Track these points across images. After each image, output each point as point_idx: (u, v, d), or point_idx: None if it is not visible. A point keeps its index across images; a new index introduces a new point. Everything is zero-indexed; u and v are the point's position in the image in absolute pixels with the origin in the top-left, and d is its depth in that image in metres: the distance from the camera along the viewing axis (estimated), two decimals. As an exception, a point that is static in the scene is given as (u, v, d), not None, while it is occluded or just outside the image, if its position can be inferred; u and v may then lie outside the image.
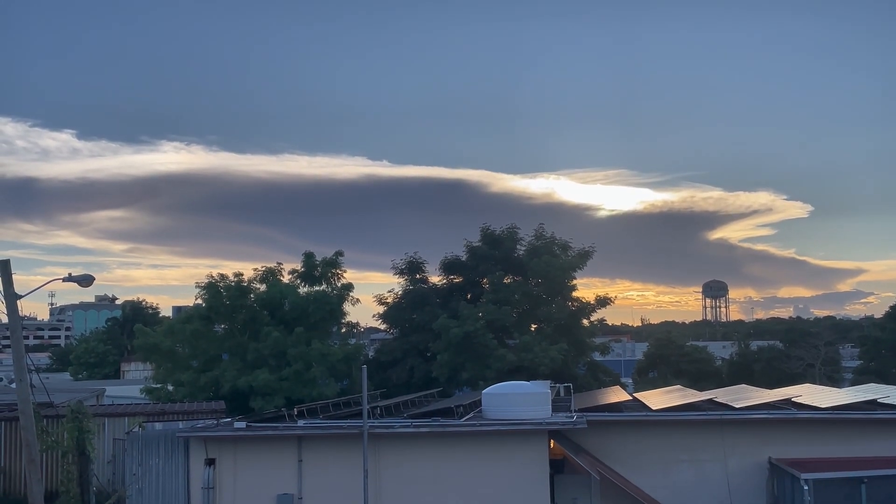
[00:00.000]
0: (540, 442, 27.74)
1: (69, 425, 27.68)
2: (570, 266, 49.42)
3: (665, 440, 29.81)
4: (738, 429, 29.79)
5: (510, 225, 51.77)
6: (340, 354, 41.75)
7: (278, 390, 39.60)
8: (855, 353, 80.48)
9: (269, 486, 27.31)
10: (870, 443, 28.94)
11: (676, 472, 29.49)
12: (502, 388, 30.53)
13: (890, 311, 72.05)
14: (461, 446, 27.85)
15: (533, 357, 43.98)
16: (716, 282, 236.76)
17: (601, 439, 29.55)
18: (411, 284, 51.73)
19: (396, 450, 27.70)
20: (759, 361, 73.16)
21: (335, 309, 44.53)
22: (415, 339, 48.64)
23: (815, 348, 71.17)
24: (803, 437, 29.29)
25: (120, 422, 32.61)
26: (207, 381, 40.89)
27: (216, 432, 27.85)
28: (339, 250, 46.34)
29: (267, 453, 27.62)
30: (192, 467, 27.50)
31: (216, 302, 43.12)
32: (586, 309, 50.38)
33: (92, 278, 23.88)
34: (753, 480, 29.36)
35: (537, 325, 49.93)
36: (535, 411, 28.32)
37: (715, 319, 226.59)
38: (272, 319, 42.92)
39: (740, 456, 29.44)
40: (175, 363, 43.30)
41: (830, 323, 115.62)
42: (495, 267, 49.69)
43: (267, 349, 41.00)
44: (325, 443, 27.77)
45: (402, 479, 27.51)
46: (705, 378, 68.45)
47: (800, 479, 26.46)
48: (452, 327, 44.71)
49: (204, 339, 43.35)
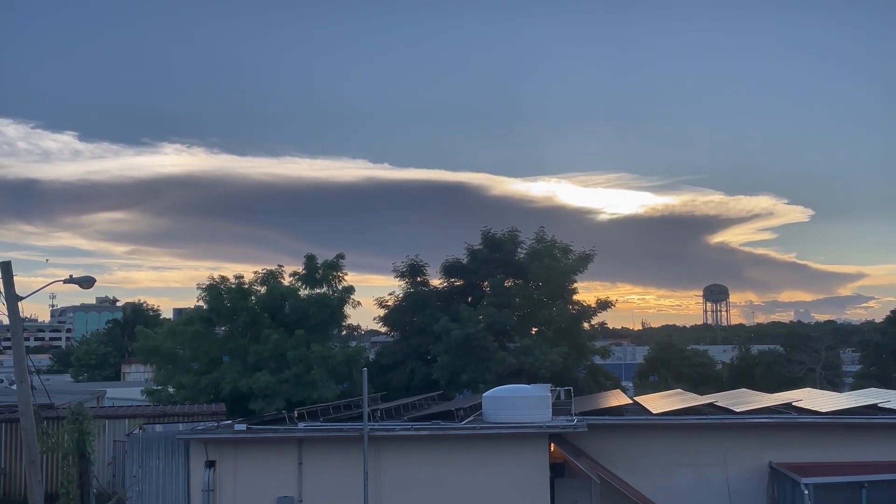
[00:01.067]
0: (540, 445, 27.73)
1: (69, 427, 27.69)
2: (570, 269, 49.41)
3: (665, 444, 29.77)
4: (738, 433, 29.76)
5: (511, 228, 51.84)
6: (341, 357, 41.73)
7: (279, 393, 39.60)
8: (856, 357, 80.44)
9: (269, 488, 27.30)
10: (870, 447, 28.90)
11: (677, 476, 29.45)
12: (503, 391, 30.52)
13: (891, 316, 71.99)
14: (461, 449, 27.84)
15: (533, 360, 43.95)
16: (716, 286, 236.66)
17: (601, 443, 29.51)
18: (412, 287, 51.74)
19: (397, 453, 27.69)
20: (760, 365, 73.20)
21: (336, 311, 44.53)
22: (415, 341, 48.64)
23: (816, 352, 71.20)
24: (804, 442, 29.26)
25: (120, 424, 32.60)
26: (208, 384, 40.87)
27: (216, 434, 27.85)
28: (340, 253, 46.39)
29: (267, 456, 27.61)
30: (192, 469, 27.50)
31: (217, 304, 43.13)
32: (587, 312, 50.37)
33: (93, 280, 23.91)
34: (754, 485, 29.32)
35: (538, 329, 49.91)
36: (535, 415, 28.32)
37: (716, 323, 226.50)
38: (273, 322, 42.92)
39: (740, 460, 29.40)
40: (176, 365, 43.30)
41: (831, 327, 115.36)
42: (496, 270, 49.69)
43: (267, 351, 41.01)
44: (325, 445, 27.77)
45: (402, 482, 27.49)
46: (706, 382, 68.55)
47: (800, 484, 26.45)
48: (453, 329, 44.72)
49: (205, 341, 43.34)
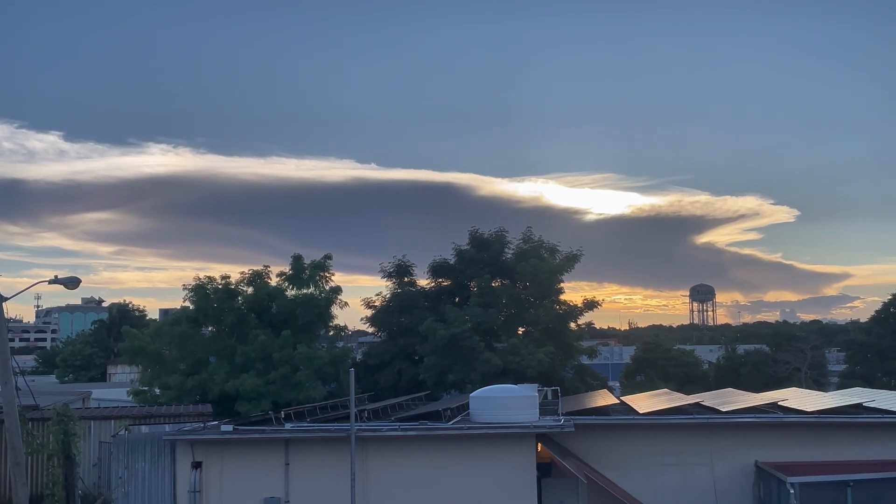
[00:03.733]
0: (527, 445, 27.76)
1: (55, 428, 27.58)
2: (557, 269, 49.48)
3: (652, 444, 29.83)
4: (724, 432, 29.85)
5: (498, 228, 51.82)
6: (328, 357, 41.62)
7: (265, 394, 39.47)
8: (841, 357, 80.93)
9: (255, 489, 27.21)
10: (856, 446, 29.03)
11: (663, 475, 29.49)
12: (490, 391, 30.52)
13: (875, 316, 72.41)
14: (449, 450, 27.83)
15: (520, 360, 43.97)
16: (703, 286, 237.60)
17: (588, 443, 29.55)
18: (399, 287, 51.68)
19: (384, 453, 27.66)
20: (746, 365, 73.48)
21: (323, 312, 44.41)
22: (402, 342, 48.58)
23: (802, 352, 71.48)
24: (790, 441, 29.37)
25: (106, 425, 32.40)
26: (194, 384, 40.69)
27: (203, 435, 27.74)
28: (327, 253, 46.24)
29: (254, 456, 27.53)
30: (178, 471, 27.38)
31: (204, 304, 42.94)
32: (574, 312, 50.44)
33: (78, 280, 23.82)
34: (740, 484, 29.42)
35: (525, 329, 49.96)
36: (522, 415, 28.32)
37: (702, 323, 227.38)
38: (260, 322, 42.77)
39: (727, 459, 29.49)
40: (162, 366, 43.10)
41: (817, 327, 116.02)
42: (483, 270, 49.70)
43: (254, 352, 40.86)
44: (312, 446, 27.71)
45: (389, 483, 27.47)
46: (692, 382, 68.75)
47: (786, 483, 26.56)
48: (438, 330, 44.70)
49: (191, 341, 43.16)
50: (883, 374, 66.83)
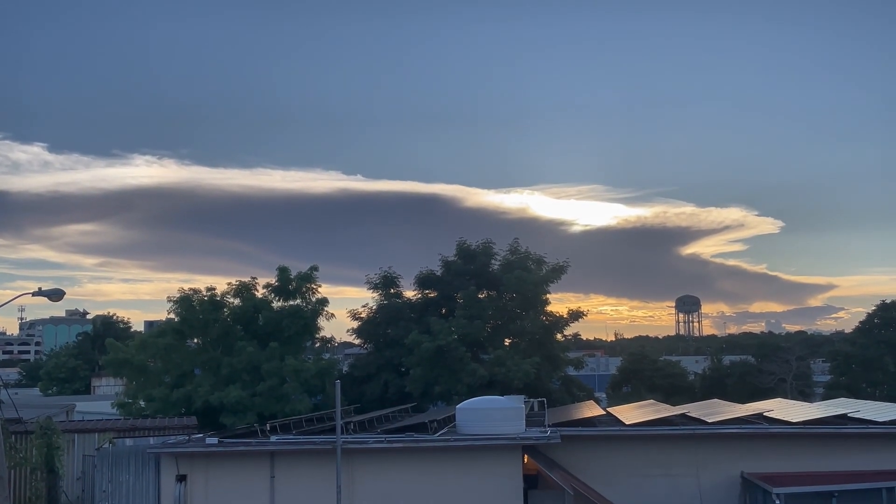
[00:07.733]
0: (514, 457, 27.75)
1: (38, 441, 27.40)
2: (543, 280, 49.51)
3: (638, 455, 29.89)
4: (710, 443, 29.94)
5: (485, 240, 51.81)
6: (314, 369, 41.47)
7: (250, 407, 39.29)
8: (826, 367, 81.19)
9: (241, 502, 27.11)
10: (840, 457, 29.20)
11: (650, 486, 29.55)
12: (476, 402, 30.51)
13: (860, 326, 72.75)
14: (435, 461, 27.79)
15: (506, 371, 43.94)
16: (688, 297, 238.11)
17: (575, 454, 29.57)
18: (385, 299, 51.56)
19: (370, 465, 27.60)
20: (732, 376, 73.68)
21: (309, 324, 44.30)
22: (389, 353, 48.45)
23: (787, 363, 71.75)
24: (775, 452, 29.50)
25: (90, 438, 32.20)
26: (179, 397, 40.48)
27: (187, 448, 27.61)
28: (313, 265, 46.15)
29: (239, 469, 27.41)
30: (162, 483, 27.23)
31: (189, 316, 42.74)
32: (560, 323, 50.46)
33: (62, 293, 23.72)
34: (726, 495, 29.50)
35: (511, 340, 49.92)
36: (509, 426, 28.33)
37: (688, 334, 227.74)
38: (246, 334, 42.61)
39: (713, 470, 29.58)
40: (147, 378, 42.84)
41: (802, 338, 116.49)
42: (470, 282, 49.69)
43: (240, 364, 40.70)
44: (298, 458, 27.61)
45: (375, 495, 27.40)
46: (678, 392, 68.89)
47: (772, 494, 26.67)
48: (424, 342, 44.65)
49: (176, 353, 42.94)
50: (867, 384, 67.15)
